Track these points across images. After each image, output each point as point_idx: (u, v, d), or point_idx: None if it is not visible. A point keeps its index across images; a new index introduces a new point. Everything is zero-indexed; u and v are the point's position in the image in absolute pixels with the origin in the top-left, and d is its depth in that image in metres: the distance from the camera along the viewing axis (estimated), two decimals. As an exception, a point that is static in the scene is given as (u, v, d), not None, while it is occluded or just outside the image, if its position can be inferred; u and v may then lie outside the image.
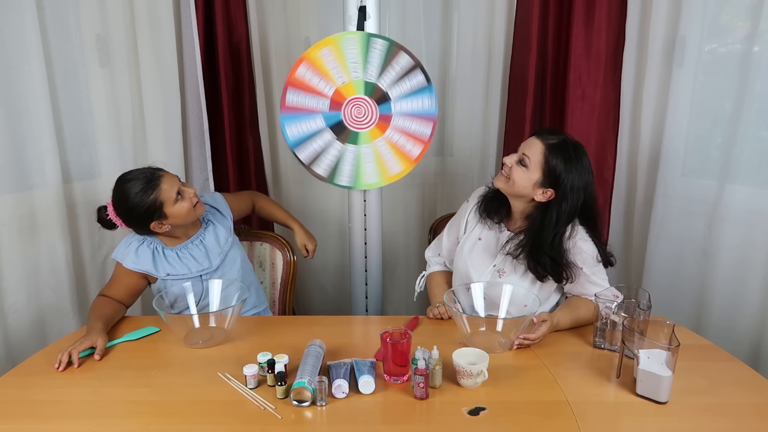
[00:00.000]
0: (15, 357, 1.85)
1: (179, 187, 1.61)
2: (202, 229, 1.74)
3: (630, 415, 1.18)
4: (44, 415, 1.20)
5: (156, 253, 1.66)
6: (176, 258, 1.67)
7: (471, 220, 1.71)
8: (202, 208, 1.68)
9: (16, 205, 1.83)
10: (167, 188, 1.58)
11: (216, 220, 1.78)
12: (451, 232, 1.79)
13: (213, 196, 1.85)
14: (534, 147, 1.51)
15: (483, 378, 1.26)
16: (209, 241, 1.72)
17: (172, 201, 1.58)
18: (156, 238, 1.68)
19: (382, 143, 1.87)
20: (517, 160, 1.53)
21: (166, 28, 2.05)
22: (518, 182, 1.52)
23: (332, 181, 1.91)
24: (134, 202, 1.56)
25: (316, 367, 1.29)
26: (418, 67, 1.81)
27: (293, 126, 1.86)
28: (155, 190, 1.57)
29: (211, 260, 1.70)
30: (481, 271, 1.65)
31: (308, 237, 1.99)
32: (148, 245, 1.66)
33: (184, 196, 1.61)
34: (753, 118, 1.81)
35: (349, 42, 1.79)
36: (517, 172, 1.52)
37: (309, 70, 1.81)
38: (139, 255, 1.65)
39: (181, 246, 1.69)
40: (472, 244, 1.68)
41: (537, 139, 1.52)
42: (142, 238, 1.67)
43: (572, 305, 1.56)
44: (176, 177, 1.63)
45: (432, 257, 1.86)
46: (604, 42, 2.05)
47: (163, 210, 1.58)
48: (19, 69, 1.76)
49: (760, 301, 1.85)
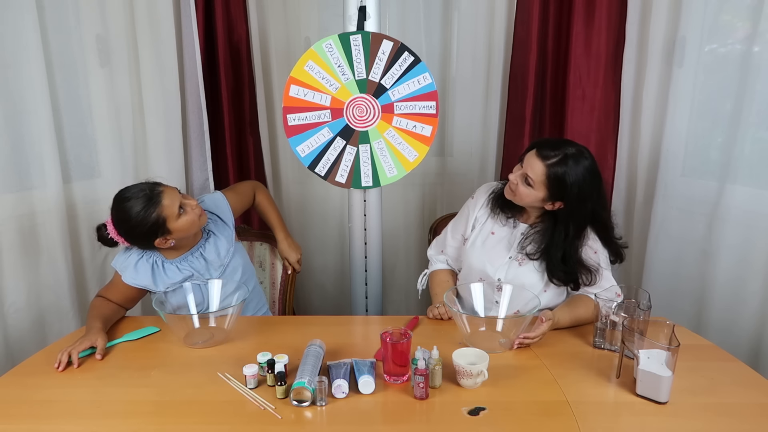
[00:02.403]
0: (15, 357, 1.85)
1: (181, 201, 1.55)
2: (203, 240, 1.70)
3: (630, 415, 1.18)
4: (44, 415, 1.20)
5: (156, 267, 1.62)
6: (176, 271, 1.63)
7: (481, 216, 1.71)
8: (206, 217, 1.65)
9: (16, 205, 1.83)
10: (169, 204, 1.52)
11: (217, 231, 1.73)
12: (456, 230, 1.78)
13: (214, 199, 1.79)
14: (535, 168, 1.50)
15: (483, 378, 1.26)
16: (209, 253, 1.69)
17: (174, 216, 1.53)
18: (156, 251, 1.64)
19: (393, 133, 1.86)
20: (521, 179, 1.53)
21: (166, 28, 2.05)
22: (525, 198, 1.55)
23: (355, 185, 1.91)
24: (136, 221, 1.51)
25: (316, 367, 1.29)
26: (403, 48, 1.79)
27: (303, 145, 1.87)
28: (157, 207, 1.51)
29: (211, 273, 1.68)
30: (498, 263, 1.64)
31: (290, 248, 1.91)
32: (147, 259, 1.62)
33: (187, 210, 1.56)
34: (753, 118, 1.81)
35: (327, 48, 1.79)
36: (523, 190, 1.54)
37: (301, 88, 1.82)
38: (138, 270, 1.61)
39: (181, 258, 1.65)
40: (485, 238, 1.69)
41: (537, 158, 1.50)
42: (142, 252, 1.63)
43: (573, 304, 1.57)
44: (176, 190, 1.58)
45: (435, 255, 1.85)
46: (604, 42, 2.05)
47: (166, 226, 1.53)
48: (19, 69, 1.76)
49: (760, 302, 1.85)
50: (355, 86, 1.82)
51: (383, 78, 1.81)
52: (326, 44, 1.78)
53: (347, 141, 1.87)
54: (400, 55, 1.79)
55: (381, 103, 1.84)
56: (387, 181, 1.90)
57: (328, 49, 1.79)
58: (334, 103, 1.84)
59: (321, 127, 1.86)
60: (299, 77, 1.81)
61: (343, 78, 1.82)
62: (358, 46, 1.78)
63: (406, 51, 1.79)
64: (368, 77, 1.81)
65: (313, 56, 1.80)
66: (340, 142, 1.87)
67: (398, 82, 1.82)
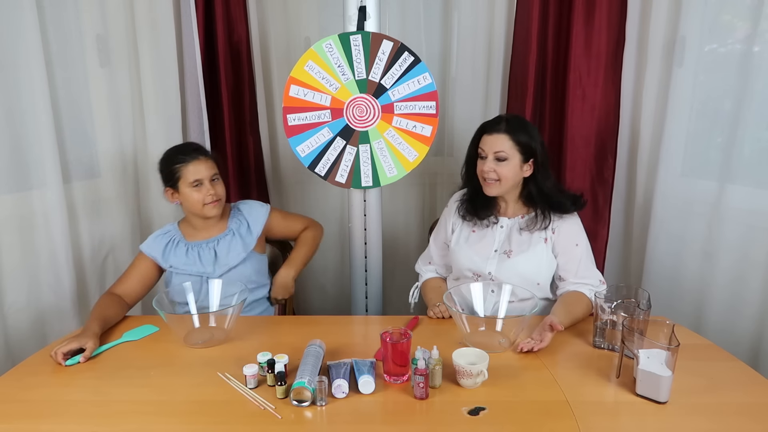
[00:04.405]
0: (15, 357, 1.85)
1: (204, 179, 1.65)
2: (223, 234, 1.75)
3: (630, 415, 1.18)
4: (44, 415, 1.20)
5: (171, 243, 1.73)
6: (184, 253, 1.71)
7: (456, 221, 1.75)
8: (213, 211, 1.69)
9: (16, 205, 1.83)
10: (191, 170, 1.65)
11: (239, 233, 1.77)
12: (438, 239, 1.82)
13: (252, 207, 1.83)
14: (498, 140, 1.60)
15: (483, 378, 1.26)
16: (221, 249, 1.74)
17: (187, 183, 1.65)
18: (179, 228, 1.76)
19: (393, 133, 1.86)
20: (494, 163, 1.60)
21: (166, 28, 2.05)
22: (510, 176, 1.61)
23: (355, 185, 1.91)
24: (164, 156, 1.70)
25: (316, 367, 1.29)
26: (403, 48, 1.79)
27: (303, 145, 1.87)
28: (182, 163, 1.65)
29: (215, 268, 1.72)
30: (486, 255, 1.67)
31: (283, 288, 1.82)
32: (168, 235, 1.75)
33: (200, 189, 1.64)
34: (753, 118, 1.80)
35: (327, 48, 1.79)
36: (503, 169, 1.60)
37: (301, 88, 1.82)
38: (156, 241, 1.74)
39: (195, 243, 1.73)
40: (467, 236, 1.73)
41: (492, 134, 1.62)
42: (168, 228, 1.77)
43: (568, 303, 1.58)
44: (212, 170, 1.69)
45: (422, 266, 1.88)
46: (604, 42, 2.05)
47: (177, 183, 1.66)
48: (19, 69, 1.76)
49: (760, 301, 1.85)
50: (355, 86, 1.82)
51: (383, 78, 1.81)
52: (326, 44, 1.78)
53: (347, 141, 1.87)
54: (400, 55, 1.79)
55: (381, 103, 1.84)
56: (387, 181, 1.90)
57: (328, 49, 1.79)
58: (334, 103, 1.84)
59: (321, 127, 1.86)
60: (299, 77, 1.81)
61: (343, 78, 1.82)
62: (358, 46, 1.78)
63: (406, 51, 1.79)
64: (368, 77, 1.81)
65: (313, 56, 1.80)
66: (340, 142, 1.87)
67: (398, 82, 1.82)
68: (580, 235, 1.66)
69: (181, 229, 1.78)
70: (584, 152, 2.15)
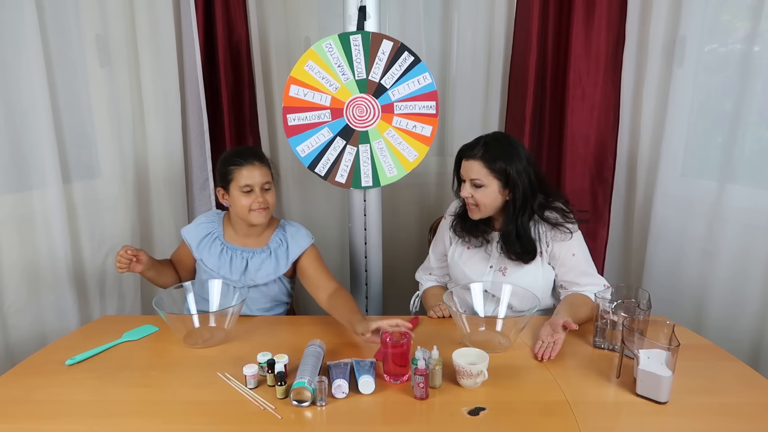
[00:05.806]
0: (15, 357, 1.85)
1: (255, 186, 1.63)
2: (260, 250, 1.71)
3: (630, 415, 1.18)
4: (44, 415, 1.20)
5: (209, 237, 1.72)
6: (218, 253, 1.70)
7: (453, 236, 1.75)
8: (259, 219, 1.64)
9: (16, 205, 1.83)
10: (245, 174, 1.63)
11: (276, 254, 1.71)
12: (437, 250, 1.82)
13: (297, 231, 1.75)
14: (474, 168, 1.56)
15: (483, 378, 1.26)
16: (254, 264, 1.70)
17: (238, 186, 1.63)
18: (222, 222, 1.75)
19: (393, 133, 1.86)
20: (473, 190, 1.58)
21: (166, 28, 2.05)
22: (487, 202, 1.58)
23: (355, 185, 1.91)
24: (223, 157, 1.70)
25: (316, 367, 1.29)
26: (403, 48, 1.79)
27: (303, 145, 1.87)
28: (237, 165, 1.64)
29: (241, 279, 1.69)
30: (480, 272, 1.66)
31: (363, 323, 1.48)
32: (210, 226, 1.74)
33: (249, 195, 1.64)
34: (753, 118, 1.81)
35: (327, 48, 1.79)
36: (479, 195, 1.57)
37: (300, 88, 1.82)
38: (197, 228, 1.74)
39: (231, 247, 1.71)
40: (461, 252, 1.72)
41: (469, 161, 1.57)
42: (212, 218, 1.76)
43: (572, 304, 1.57)
44: (266, 177, 1.66)
45: (423, 275, 1.88)
46: (604, 42, 2.05)
47: (229, 185, 1.65)
48: (19, 69, 1.76)
49: (760, 301, 1.85)
50: (355, 86, 1.82)
51: (383, 78, 1.81)
52: (326, 44, 1.78)
53: (347, 141, 1.87)
54: (400, 55, 1.79)
55: (381, 103, 1.84)
56: (387, 181, 1.90)
57: (328, 49, 1.79)
58: (334, 103, 1.84)
59: (321, 127, 1.86)
60: (299, 77, 1.81)
61: (343, 78, 1.82)
62: (358, 46, 1.78)
63: (406, 51, 1.79)
64: (368, 77, 1.81)
65: (313, 56, 1.79)
66: (340, 142, 1.87)
67: (398, 82, 1.82)
68: (576, 243, 1.62)
69: (223, 224, 1.76)
70: (584, 152, 2.15)
